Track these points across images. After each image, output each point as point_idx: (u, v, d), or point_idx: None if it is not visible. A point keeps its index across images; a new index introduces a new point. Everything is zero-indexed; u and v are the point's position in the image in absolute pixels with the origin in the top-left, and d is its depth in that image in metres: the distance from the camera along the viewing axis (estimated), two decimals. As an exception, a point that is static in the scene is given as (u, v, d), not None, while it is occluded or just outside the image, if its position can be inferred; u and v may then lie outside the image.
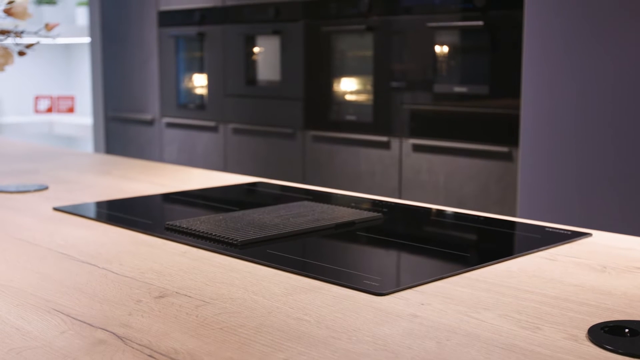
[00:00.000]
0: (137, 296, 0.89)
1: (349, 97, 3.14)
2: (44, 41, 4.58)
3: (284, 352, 0.72)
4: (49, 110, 5.50)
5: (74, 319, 0.81)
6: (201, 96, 3.78)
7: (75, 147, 5.62)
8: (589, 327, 0.78)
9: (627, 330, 0.77)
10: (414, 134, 2.86)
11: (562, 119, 2.18)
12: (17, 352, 0.72)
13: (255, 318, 0.81)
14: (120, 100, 4.26)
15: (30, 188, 1.59)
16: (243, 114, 3.55)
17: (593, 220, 2.10)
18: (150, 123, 4.06)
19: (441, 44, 2.77)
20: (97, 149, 4.43)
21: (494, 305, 0.85)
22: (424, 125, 2.84)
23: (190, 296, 0.89)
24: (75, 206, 1.41)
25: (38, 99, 5.51)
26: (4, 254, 1.09)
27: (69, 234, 1.21)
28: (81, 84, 5.54)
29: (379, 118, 2.98)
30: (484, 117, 2.66)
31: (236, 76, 3.57)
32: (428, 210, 1.43)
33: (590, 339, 0.75)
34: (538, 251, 1.09)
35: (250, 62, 3.53)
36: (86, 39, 4.70)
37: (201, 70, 3.77)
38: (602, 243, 1.14)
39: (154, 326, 0.79)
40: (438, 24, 2.75)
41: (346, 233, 1.23)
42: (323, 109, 3.20)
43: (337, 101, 3.16)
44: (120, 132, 4.30)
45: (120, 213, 1.36)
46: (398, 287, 0.91)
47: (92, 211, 1.39)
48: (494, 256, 1.06)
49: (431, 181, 2.81)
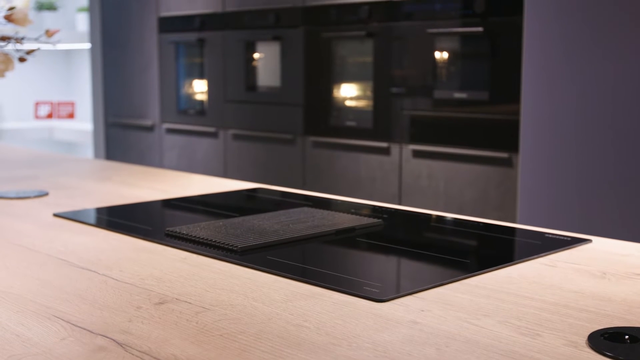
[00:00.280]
0: (137, 302, 0.89)
1: (349, 103, 3.14)
2: (44, 47, 4.58)
3: (284, 358, 0.72)
4: (49, 116, 5.50)
5: (74, 325, 0.81)
6: (201, 102, 3.78)
7: (75, 153, 5.63)
8: (588, 333, 0.78)
9: (627, 337, 0.77)
10: (414, 139, 2.87)
11: (562, 125, 2.19)
12: (18, 358, 0.72)
13: (255, 324, 0.81)
14: (121, 106, 4.27)
15: (30, 194, 1.59)
16: (243, 119, 3.56)
17: (593, 226, 2.10)
18: (150, 129, 4.06)
19: (441, 50, 2.77)
20: (97, 154, 4.43)
21: (493, 312, 0.85)
22: (424, 131, 2.84)
23: (190, 302, 0.89)
24: (76, 212, 1.41)
25: (38, 104, 5.51)
26: (4, 261, 1.09)
27: (69, 240, 1.21)
28: (81, 89, 5.55)
29: (379, 124, 2.99)
30: (484, 123, 2.66)
31: (236, 82, 3.57)
32: (428, 216, 1.43)
33: (590, 346, 0.75)
34: (538, 257, 1.09)
35: (250, 68, 3.53)
36: (86, 45, 4.71)
37: (201, 76, 3.78)
38: (602, 249, 1.14)
39: (154, 333, 0.79)
40: (438, 30, 2.76)
41: (346, 239, 1.23)
42: (323, 115, 3.21)
43: (337, 107, 3.16)
44: (120, 138, 4.30)
45: (121, 219, 1.36)
46: (398, 294, 0.91)
47: (92, 217, 1.39)
48: (493, 262, 1.06)
49: (431, 187, 2.81)
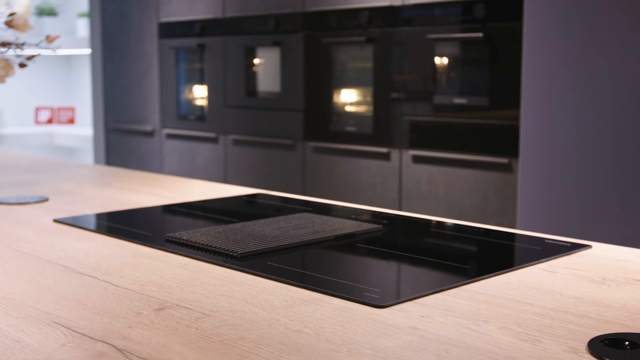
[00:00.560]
0: (137, 308, 0.89)
1: (349, 109, 3.14)
2: (45, 52, 4.59)
3: (284, 364, 0.72)
4: (50, 121, 5.51)
5: (74, 331, 0.81)
6: (201, 107, 3.79)
7: (75, 159, 5.63)
8: (589, 339, 0.78)
9: (627, 343, 0.77)
10: (413, 145, 2.87)
11: (561, 130, 2.19)
12: (17, 365, 0.73)
13: (255, 330, 0.81)
14: (121, 111, 4.27)
15: (30, 200, 1.59)
16: (243, 125, 3.56)
17: (593, 231, 2.10)
18: (150, 134, 4.07)
19: (441, 55, 2.78)
20: (97, 160, 4.43)
21: (493, 318, 0.85)
22: (423, 137, 2.84)
23: (190, 308, 0.89)
24: (76, 218, 1.41)
25: (38, 110, 5.52)
26: (4, 266, 1.09)
27: (69, 245, 1.21)
28: (82, 95, 5.55)
29: (379, 129, 2.99)
30: (483, 129, 2.66)
31: (236, 87, 3.58)
32: (428, 222, 1.43)
33: (590, 352, 0.75)
34: (538, 263, 1.09)
35: (250, 74, 3.53)
36: (87, 51, 4.71)
37: (201, 82, 3.78)
38: (602, 255, 1.14)
39: (154, 339, 0.79)
40: (438, 36, 2.76)
41: (346, 245, 1.23)
42: (323, 120, 3.21)
43: (337, 112, 3.16)
44: (120, 144, 4.31)
45: (121, 225, 1.36)
46: (398, 300, 0.91)
47: (92, 223, 1.39)
48: (494, 268, 1.06)
49: (431, 192, 2.81)
